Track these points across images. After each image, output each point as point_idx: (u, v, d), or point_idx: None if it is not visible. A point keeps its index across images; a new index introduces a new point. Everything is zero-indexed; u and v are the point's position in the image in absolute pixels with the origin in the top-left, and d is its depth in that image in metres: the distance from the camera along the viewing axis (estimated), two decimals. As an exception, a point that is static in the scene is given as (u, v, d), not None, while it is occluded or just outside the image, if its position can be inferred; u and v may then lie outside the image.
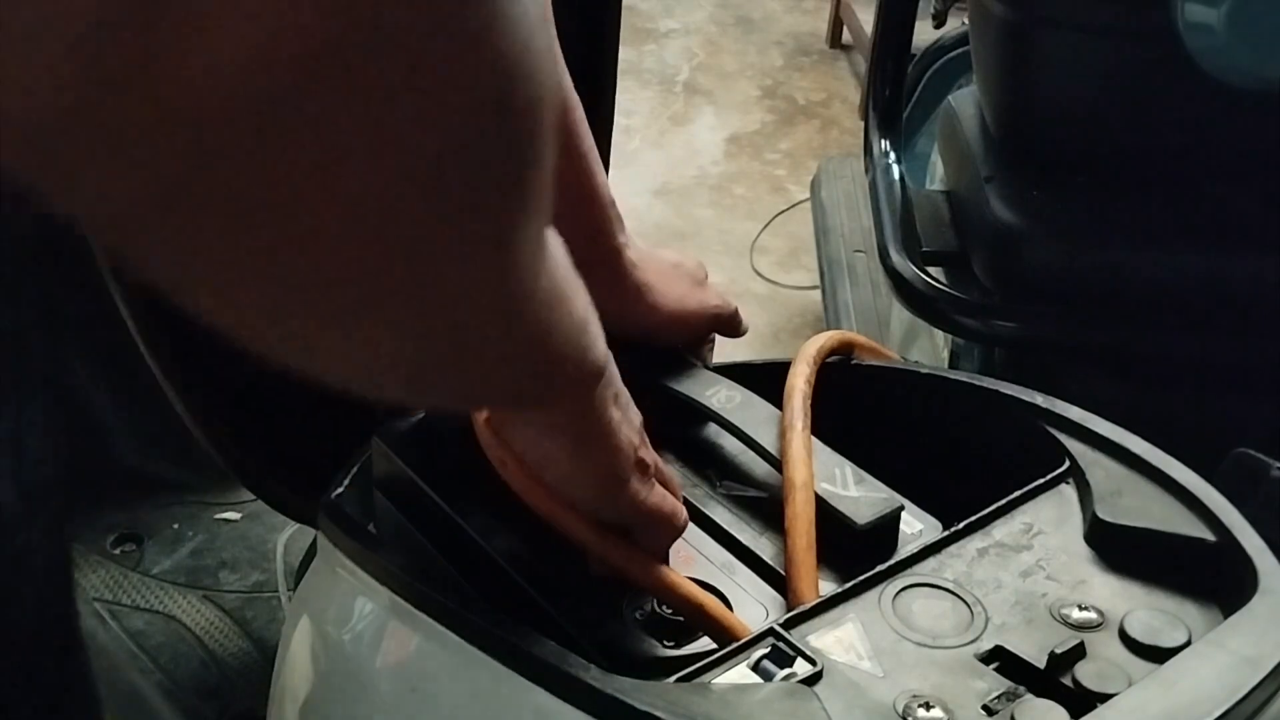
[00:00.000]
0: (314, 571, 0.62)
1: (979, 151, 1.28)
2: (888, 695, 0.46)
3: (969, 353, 1.29)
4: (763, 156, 2.65)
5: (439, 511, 0.56)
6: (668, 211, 2.40)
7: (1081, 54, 1.19)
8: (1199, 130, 1.19)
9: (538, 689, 0.47)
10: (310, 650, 0.61)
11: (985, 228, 1.21)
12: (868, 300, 1.78)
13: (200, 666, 1.03)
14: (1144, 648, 0.48)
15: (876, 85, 1.54)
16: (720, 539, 0.57)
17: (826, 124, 2.79)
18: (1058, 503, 0.56)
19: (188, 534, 1.16)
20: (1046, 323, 1.20)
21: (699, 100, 2.84)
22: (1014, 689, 0.47)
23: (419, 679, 0.53)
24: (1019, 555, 0.53)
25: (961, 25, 1.59)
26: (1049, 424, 0.59)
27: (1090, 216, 1.20)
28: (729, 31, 3.15)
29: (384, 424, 0.60)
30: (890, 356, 0.68)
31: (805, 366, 0.61)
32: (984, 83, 1.30)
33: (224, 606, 1.08)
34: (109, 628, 1.06)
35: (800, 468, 0.55)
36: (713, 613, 0.51)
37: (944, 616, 0.50)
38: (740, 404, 0.61)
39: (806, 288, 2.14)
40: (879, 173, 1.46)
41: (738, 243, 2.32)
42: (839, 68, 3.02)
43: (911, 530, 0.56)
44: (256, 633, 1.06)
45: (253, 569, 1.12)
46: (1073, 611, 0.50)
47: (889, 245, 1.32)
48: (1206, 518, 0.53)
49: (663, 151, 2.61)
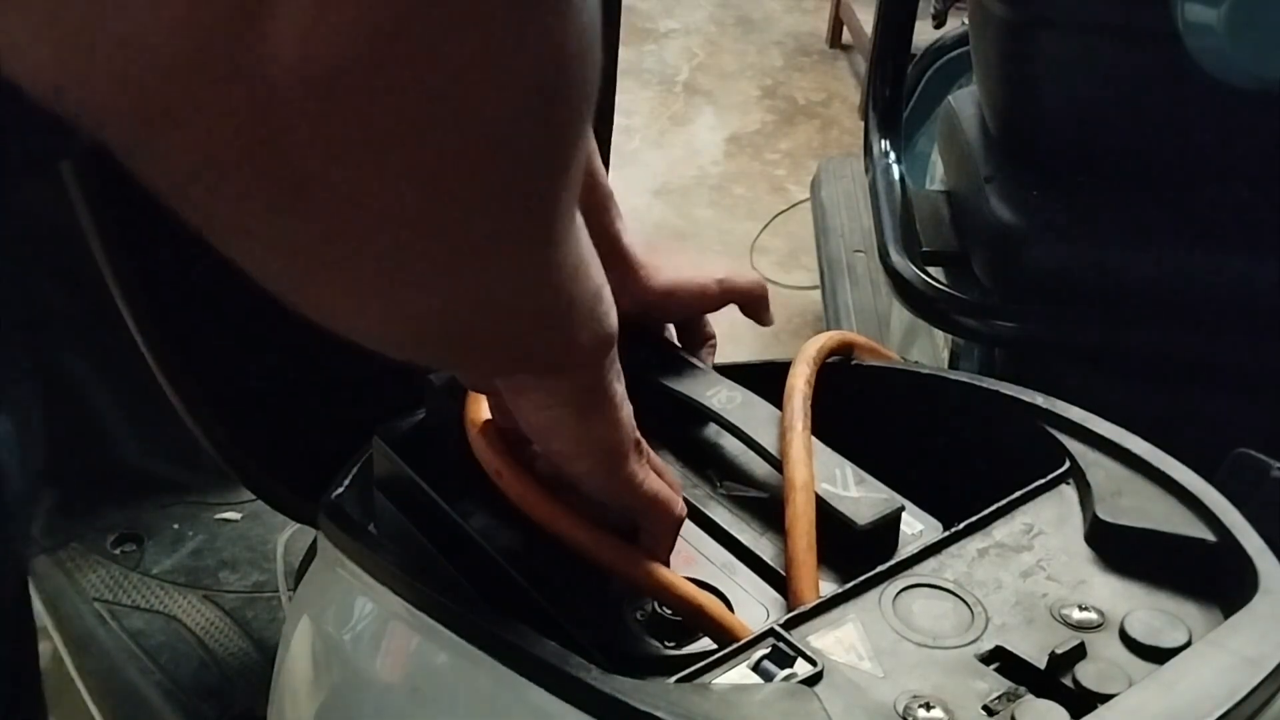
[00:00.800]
0: (314, 571, 0.62)
1: (979, 151, 1.28)
2: (888, 695, 0.46)
3: (969, 353, 1.29)
4: (763, 156, 2.65)
5: (440, 511, 0.56)
6: (668, 211, 2.40)
7: (1081, 54, 1.19)
8: (1199, 130, 1.19)
9: (538, 689, 0.47)
10: (310, 650, 0.61)
11: (985, 228, 1.21)
12: (868, 300, 1.78)
13: (200, 666, 1.03)
14: (1144, 648, 0.48)
15: (876, 85, 1.54)
16: (721, 539, 0.57)
17: (826, 124, 2.79)
18: (1058, 503, 0.56)
19: (188, 534, 1.16)
20: (1046, 323, 1.20)
21: (699, 100, 2.84)
22: (1014, 689, 0.47)
23: (419, 679, 0.53)
24: (1019, 555, 0.53)
25: (961, 25, 1.59)
26: (1049, 424, 0.59)
27: (1090, 216, 1.20)
28: (729, 31, 3.15)
29: (384, 423, 0.60)
30: (890, 356, 0.68)
31: (805, 367, 0.61)
32: (984, 83, 1.30)
33: (224, 606, 1.09)
34: (109, 628, 1.06)
35: (800, 468, 0.55)
36: (712, 613, 0.51)
37: (944, 617, 0.50)
38: (741, 404, 0.61)
39: (806, 288, 2.14)
40: (879, 173, 1.46)
41: (738, 243, 2.32)
42: (839, 68, 3.02)
43: (912, 531, 0.56)
44: (256, 633, 1.06)
45: (253, 569, 1.12)
46: (1073, 612, 0.50)
47: (889, 245, 1.32)
48: (1207, 518, 0.53)
49: (663, 151, 2.61)
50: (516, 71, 0.32)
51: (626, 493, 0.52)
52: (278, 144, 0.30)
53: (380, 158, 0.32)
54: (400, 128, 0.31)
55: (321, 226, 0.33)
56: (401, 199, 0.33)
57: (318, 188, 0.32)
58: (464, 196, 0.34)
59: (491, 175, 0.34)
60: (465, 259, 0.37)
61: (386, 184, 0.32)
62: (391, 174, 0.32)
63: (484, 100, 0.31)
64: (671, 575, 0.52)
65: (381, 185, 0.32)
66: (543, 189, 0.37)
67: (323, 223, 0.33)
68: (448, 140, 0.32)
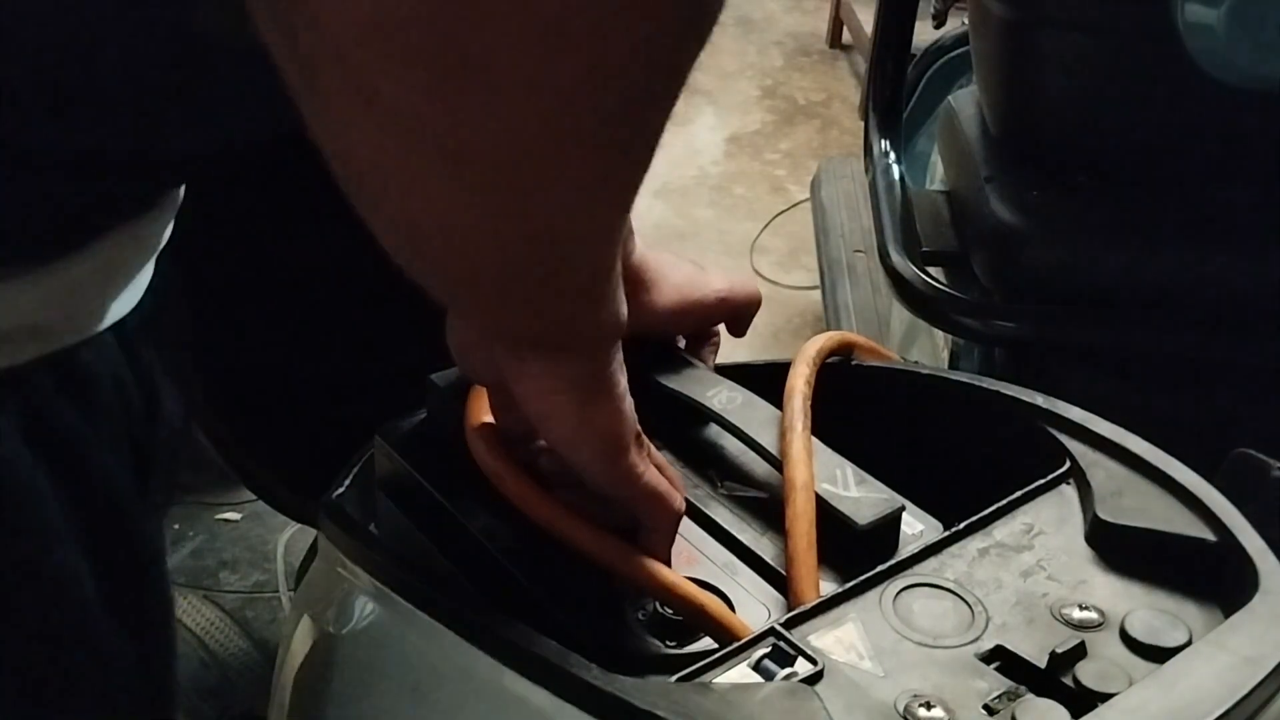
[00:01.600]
0: (314, 571, 0.62)
1: (979, 151, 1.28)
2: (888, 695, 0.46)
3: (969, 353, 1.29)
4: (763, 156, 2.65)
5: (441, 511, 0.56)
6: (668, 211, 2.40)
7: (1081, 54, 1.19)
8: (1199, 130, 1.19)
9: (539, 688, 0.47)
10: (310, 650, 0.61)
11: (985, 228, 1.21)
12: (868, 300, 1.78)
13: (200, 666, 1.03)
14: (1145, 647, 0.48)
15: (876, 85, 1.54)
16: (721, 539, 0.57)
17: (826, 124, 2.79)
18: (1058, 503, 0.56)
19: (188, 534, 1.16)
20: (1046, 323, 1.20)
21: (699, 100, 2.84)
22: (1015, 689, 0.47)
23: (420, 679, 0.53)
24: (1019, 555, 0.53)
25: (961, 25, 1.59)
26: (1049, 424, 0.59)
27: (1090, 216, 1.20)
28: (729, 31, 3.15)
29: (386, 423, 0.60)
30: (890, 356, 0.68)
31: (805, 367, 0.61)
32: (984, 83, 1.30)
33: (224, 606, 1.09)
34: (109, 628, 1.06)
35: (801, 468, 0.55)
36: (713, 612, 0.51)
37: (945, 616, 0.50)
38: (741, 405, 0.61)
39: (806, 288, 2.14)
40: (879, 173, 1.46)
41: (738, 243, 2.32)
42: (839, 68, 3.02)
43: (912, 530, 0.56)
44: (256, 633, 1.06)
45: (253, 569, 1.12)
46: (1073, 611, 0.50)
47: (889, 245, 1.32)
48: (1207, 518, 0.53)
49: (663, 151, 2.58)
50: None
51: (626, 484, 0.52)
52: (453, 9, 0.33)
53: (552, 35, 0.34)
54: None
55: (481, 103, 0.35)
56: (564, 76, 0.35)
57: (487, 66, 0.34)
58: (582, 118, 0.36)
59: (624, 98, 0.37)
60: (555, 190, 0.39)
61: (551, 61, 0.34)
62: (558, 50, 0.34)
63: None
64: (672, 575, 0.52)
65: (548, 63, 0.34)
66: (683, 61, 0.38)
67: (482, 99, 0.35)
68: (579, 57, 0.34)
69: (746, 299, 0.66)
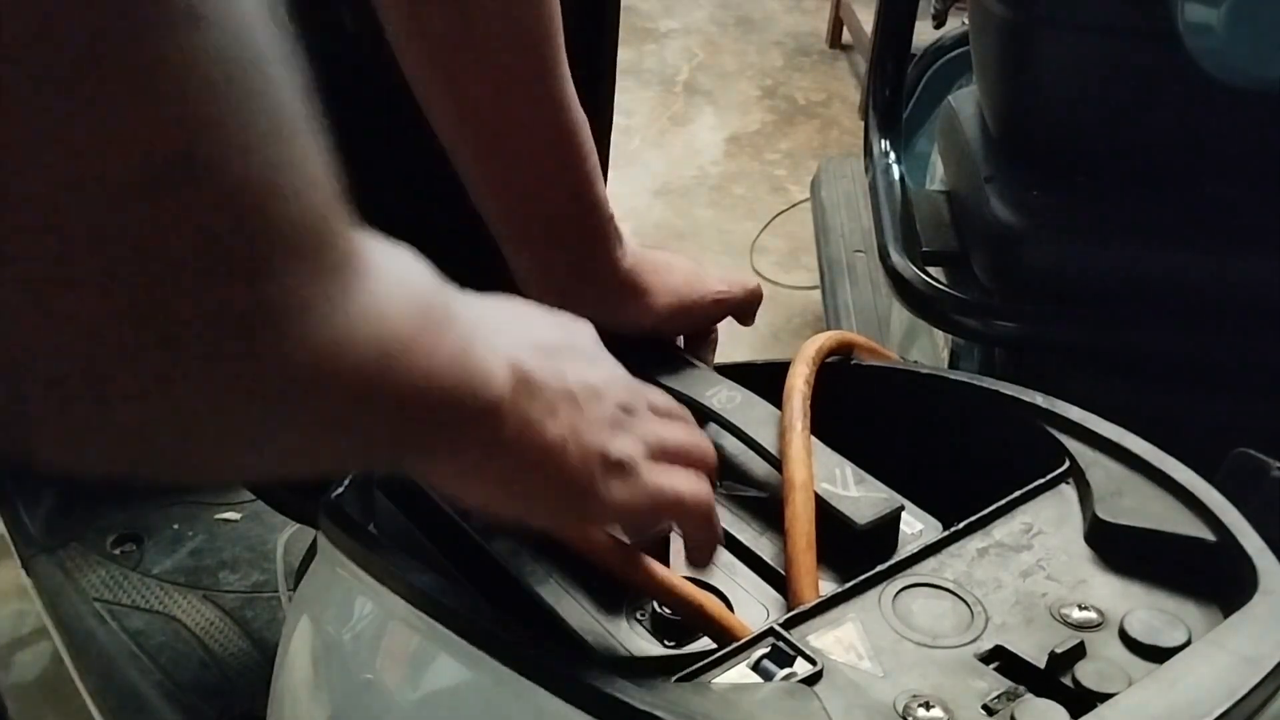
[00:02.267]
0: (314, 571, 0.62)
1: (979, 151, 1.28)
2: (888, 695, 0.46)
3: (969, 353, 1.29)
4: (763, 156, 2.65)
5: (440, 511, 0.56)
6: (668, 211, 2.40)
7: (1081, 54, 1.19)
8: (1199, 130, 1.19)
9: (538, 689, 0.47)
10: (310, 650, 0.61)
11: (985, 228, 1.21)
12: (868, 300, 1.78)
13: (200, 666, 1.03)
14: (1144, 647, 0.48)
15: (876, 85, 1.54)
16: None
17: (826, 124, 2.79)
18: (1058, 503, 0.56)
19: (188, 534, 1.16)
20: (1046, 323, 1.20)
21: (699, 100, 2.84)
22: (1014, 689, 0.47)
23: (419, 679, 0.53)
24: (1019, 555, 0.53)
25: (961, 25, 1.59)
26: (1049, 424, 0.59)
27: (1090, 216, 1.20)
28: (729, 31, 3.15)
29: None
30: (890, 356, 0.68)
31: (805, 367, 0.61)
32: (984, 83, 1.30)
33: (224, 606, 1.09)
34: (109, 628, 1.07)
35: (800, 468, 0.55)
36: (712, 613, 0.51)
37: (944, 616, 0.50)
38: (740, 404, 0.61)
39: (806, 288, 2.14)
40: (879, 173, 1.46)
41: (738, 243, 2.32)
42: (839, 68, 3.02)
43: (911, 530, 0.56)
44: (256, 633, 1.06)
45: (253, 569, 1.12)
46: (1073, 611, 0.50)
47: (889, 245, 1.32)
48: (1206, 518, 0.53)
49: (663, 151, 2.61)
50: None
51: (611, 519, 0.49)
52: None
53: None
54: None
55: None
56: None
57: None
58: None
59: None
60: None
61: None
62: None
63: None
64: (671, 575, 0.52)
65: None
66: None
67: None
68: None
69: (745, 295, 0.67)
